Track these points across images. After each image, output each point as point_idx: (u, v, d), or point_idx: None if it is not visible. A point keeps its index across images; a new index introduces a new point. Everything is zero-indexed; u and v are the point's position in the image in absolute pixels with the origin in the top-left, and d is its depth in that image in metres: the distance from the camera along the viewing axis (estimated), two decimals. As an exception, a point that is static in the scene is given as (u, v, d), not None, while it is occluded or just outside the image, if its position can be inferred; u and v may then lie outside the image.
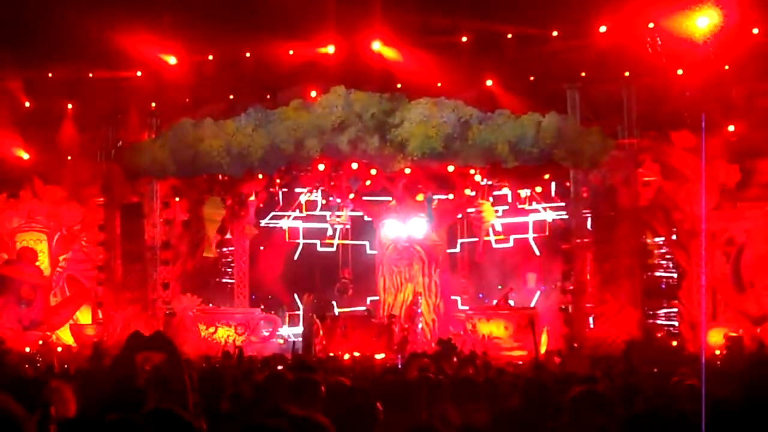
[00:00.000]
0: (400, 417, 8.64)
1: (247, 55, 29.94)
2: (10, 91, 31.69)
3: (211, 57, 30.06)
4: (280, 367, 16.25)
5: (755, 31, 26.54)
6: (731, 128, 27.75)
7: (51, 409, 7.95)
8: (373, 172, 28.14)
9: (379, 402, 8.71)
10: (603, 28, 27.36)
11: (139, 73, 30.52)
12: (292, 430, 6.49)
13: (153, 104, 29.95)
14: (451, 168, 27.16)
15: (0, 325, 30.24)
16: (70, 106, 31.62)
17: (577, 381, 11.76)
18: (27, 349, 28.67)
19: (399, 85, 28.47)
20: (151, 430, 6.58)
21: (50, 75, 31.06)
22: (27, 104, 31.81)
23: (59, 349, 29.56)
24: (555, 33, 28.05)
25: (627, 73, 27.57)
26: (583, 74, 27.80)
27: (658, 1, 26.82)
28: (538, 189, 29.02)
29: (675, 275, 28.56)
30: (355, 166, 27.50)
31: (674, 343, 26.89)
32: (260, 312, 30.83)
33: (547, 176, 28.05)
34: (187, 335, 28.79)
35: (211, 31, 28.82)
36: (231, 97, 30.06)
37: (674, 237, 27.73)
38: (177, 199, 29.30)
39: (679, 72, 27.64)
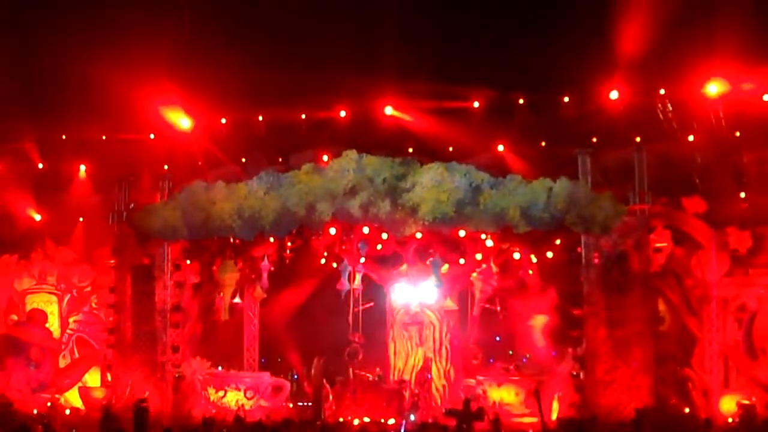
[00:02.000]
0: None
1: (260, 118, 30.10)
2: (23, 152, 31.89)
3: (224, 120, 30.22)
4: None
5: (766, 97, 26.58)
6: (743, 195, 27.71)
7: None
8: (385, 236, 28.12)
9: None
10: (614, 94, 27.46)
11: (152, 136, 30.68)
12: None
13: (165, 167, 30.05)
14: (462, 233, 27.11)
15: (8, 387, 30.15)
16: (82, 167, 31.76)
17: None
18: (35, 411, 28.57)
19: (411, 150, 28.56)
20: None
21: (63, 137, 31.27)
22: (40, 165, 31.98)
23: (67, 411, 29.49)
24: (566, 98, 28.16)
25: (638, 139, 27.60)
26: (595, 140, 27.87)
27: (669, 67, 26.96)
28: (550, 255, 28.91)
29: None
30: (366, 230, 27.47)
31: (686, 410, 26.66)
32: (269, 376, 30.66)
33: (558, 241, 27.99)
34: (196, 399, 28.66)
35: (224, 95, 29.04)
36: (243, 160, 30.17)
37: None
38: (188, 261, 29.27)
39: (690, 138, 27.70)
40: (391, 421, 27.07)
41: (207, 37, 29.60)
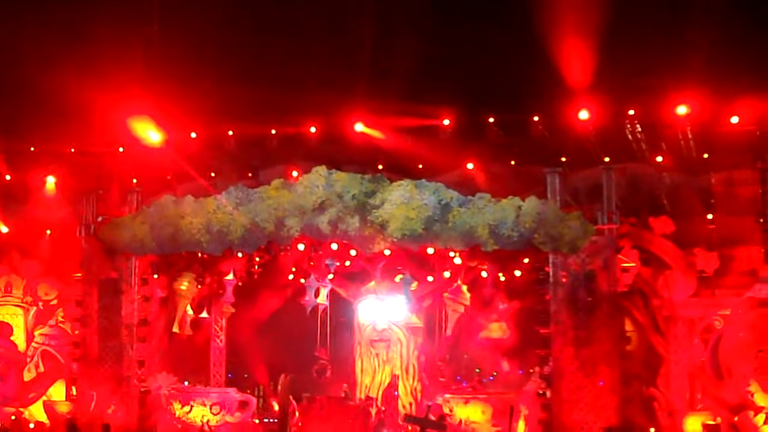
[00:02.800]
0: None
1: (230, 133, 30.05)
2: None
3: (194, 134, 30.13)
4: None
5: (734, 119, 26.78)
6: (710, 216, 27.88)
7: None
8: (353, 252, 28.10)
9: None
10: (584, 114, 27.57)
11: (121, 149, 30.55)
12: None
13: (134, 180, 29.94)
14: (431, 250, 27.12)
15: (-28, 400, 29.93)
16: (50, 179, 31.58)
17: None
18: (-1, 425, 28.39)
19: (380, 167, 28.57)
20: None
21: (32, 148, 31.09)
22: (7, 177, 31.78)
23: (32, 425, 29.27)
24: (536, 118, 28.25)
25: (607, 159, 27.74)
26: (564, 159, 27.97)
27: (638, 88, 27.13)
28: (517, 273, 28.97)
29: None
30: (335, 246, 27.44)
31: (652, 430, 26.74)
32: (236, 391, 30.52)
33: (526, 260, 28.05)
34: (161, 414, 28.49)
35: (194, 109, 28.98)
36: (212, 174, 30.10)
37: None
38: (155, 276, 29.12)
39: (659, 159, 27.85)
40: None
41: (178, 50, 29.59)
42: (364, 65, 28.38)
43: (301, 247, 27.61)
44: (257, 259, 29.89)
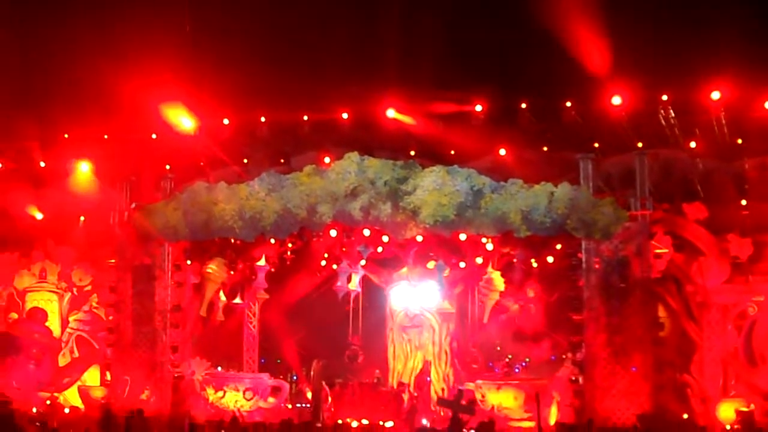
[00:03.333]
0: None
1: (263, 119, 30.10)
2: (25, 151, 31.91)
3: (227, 121, 30.22)
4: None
5: (768, 104, 26.65)
6: (744, 202, 27.71)
7: None
8: (385, 239, 28.10)
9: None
10: (617, 100, 27.45)
11: (154, 136, 30.67)
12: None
13: (167, 167, 30.04)
14: (463, 236, 27.10)
15: (8, 385, 30.13)
16: (84, 166, 31.72)
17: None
18: (34, 410, 28.58)
19: (413, 153, 28.55)
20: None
21: (66, 135, 31.27)
22: (42, 164, 31.99)
23: (66, 410, 29.48)
24: (569, 104, 28.15)
25: (640, 144, 27.62)
26: (597, 145, 27.88)
27: (672, 73, 26.98)
28: (550, 259, 28.89)
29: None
30: (367, 232, 27.46)
31: (685, 417, 26.66)
32: (269, 377, 30.65)
33: (559, 246, 27.98)
34: (195, 399, 28.65)
35: (227, 95, 29.04)
36: (245, 161, 30.17)
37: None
38: (188, 262, 29.26)
39: (693, 144, 27.70)
40: (390, 424, 27.07)
41: (211, 38, 29.66)
42: (397, 52, 28.35)
43: (333, 233, 27.64)
44: (290, 245, 29.94)
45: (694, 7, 27.31)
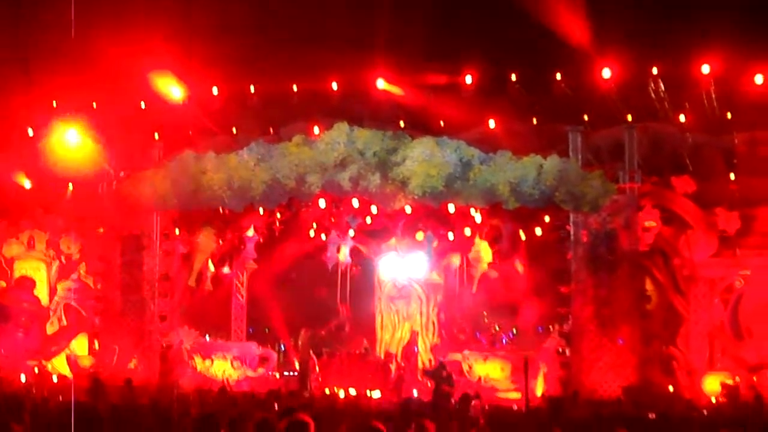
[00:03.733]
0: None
1: (252, 89, 29.99)
2: (14, 119, 31.75)
3: (216, 90, 30.11)
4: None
5: (758, 79, 26.58)
6: (732, 175, 27.74)
7: None
8: (374, 209, 28.12)
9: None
10: (607, 72, 27.40)
11: (143, 105, 30.54)
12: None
13: (156, 135, 29.95)
14: (451, 207, 27.12)
15: (-4, 354, 30.18)
16: (73, 135, 31.55)
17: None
18: (23, 378, 28.60)
19: (402, 124, 28.51)
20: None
21: (54, 104, 31.11)
22: (30, 132, 31.84)
23: (55, 378, 29.50)
24: (559, 76, 28.10)
25: (630, 118, 27.59)
26: (586, 117, 27.84)
27: (662, 46, 26.92)
28: (538, 231, 28.95)
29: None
30: (356, 202, 27.46)
31: (670, 389, 26.79)
32: (257, 346, 30.71)
33: (547, 218, 28.03)
34: (182, 368, 28.71)
35: (216, 65, 28.91)
36: (234, 130, 30.09)
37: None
38: (177, 231, 29.24)
39: (682, 118, 27.69)
40: (376, 394, 27.17)
41: (201, 6, 29.49)
42: (387, 22, 28.22)
43: (322, 203, 27.65)
44: (278, 215, 29.94)
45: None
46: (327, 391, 27.35)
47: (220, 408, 18.84)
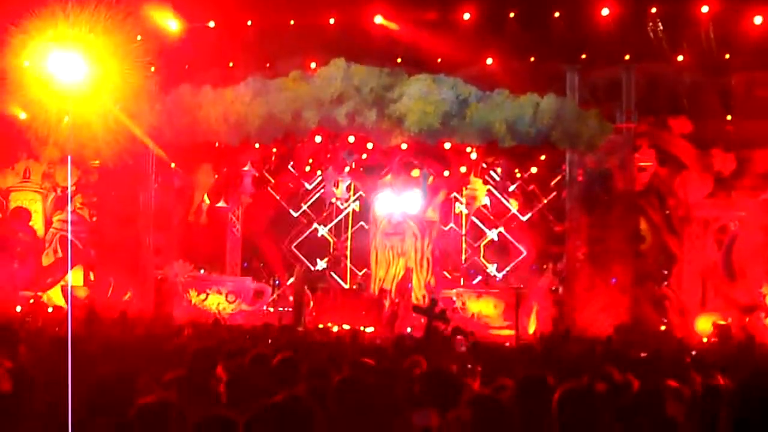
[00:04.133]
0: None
1: (249, 23, 29.81)
2: (9, 50, 31.54)
3: (212, 24, 29.91)
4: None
5: (757, 20, 26.45)
6: (729, 117, 27.72)
7: None
8: (370, 146, 28.10)
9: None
10: (605, 11, 27.25)
11: (139, 37, 30.31)
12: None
13: (152, 69, 29.77)
14: (447, 145, 27.10)
15: (-9, 284, 30.26)
16: (69, 66, 31.35)
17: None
18: (18, 309, 28.70)
19: (399, 60, 28.39)
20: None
21: (50, 33, 30.88)
22: (26, 63, 31.63)
23: (50, 309, 29.60)
24: (557, 14, 27.93)
25: (627, 57, 27.50)
26: (584, 56, 27.73)
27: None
28: (534, 170, 28.99)
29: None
30: (352, 139, 27.44)
31: (662, 328, 26.98)
32: (251, 281, 30.83)
33: (543, 157, 28.04)
34: (177, 301, 28.84)
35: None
36: (230, 64, 29.95)
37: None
38: (173, 165, 29.21)
39: (680, 58, 27.60)
40: (370, 329, 27.32)
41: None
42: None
43: (318, 139, 27.61)
44: (274, 150, 29.91)
45: None
46: (321, 326, 27.49)
47: (214, 341, 18.91)
